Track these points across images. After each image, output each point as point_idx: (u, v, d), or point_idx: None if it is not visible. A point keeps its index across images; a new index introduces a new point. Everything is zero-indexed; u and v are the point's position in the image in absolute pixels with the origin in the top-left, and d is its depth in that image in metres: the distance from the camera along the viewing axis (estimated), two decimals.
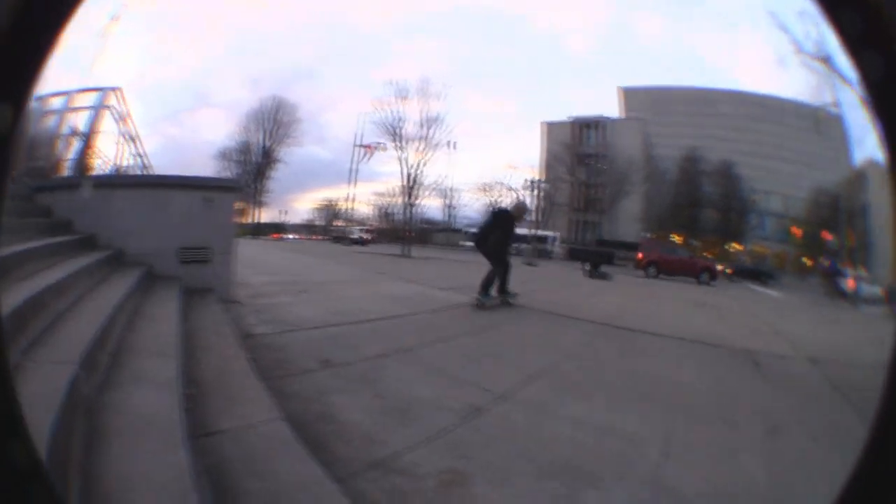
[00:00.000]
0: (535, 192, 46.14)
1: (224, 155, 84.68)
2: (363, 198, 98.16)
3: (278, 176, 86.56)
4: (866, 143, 72.10)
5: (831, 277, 34.81)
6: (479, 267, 12.35)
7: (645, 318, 11.83)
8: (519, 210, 13.68)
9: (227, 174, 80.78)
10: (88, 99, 16.30)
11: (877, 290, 27.52)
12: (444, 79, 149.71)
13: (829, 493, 2.92)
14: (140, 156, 17.04)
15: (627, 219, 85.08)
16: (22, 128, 1.13)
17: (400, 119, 34.65)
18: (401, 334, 7.44)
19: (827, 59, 27.59)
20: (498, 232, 12.20)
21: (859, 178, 72.68)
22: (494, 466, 3.61)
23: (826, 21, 1.12)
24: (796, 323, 14.98)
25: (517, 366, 6.34)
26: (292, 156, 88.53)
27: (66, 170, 15.45)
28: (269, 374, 4.90)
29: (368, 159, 67.49)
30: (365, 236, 67.49)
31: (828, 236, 77.09)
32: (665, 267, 37.55)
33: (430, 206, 78.55)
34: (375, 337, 7.16)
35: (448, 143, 39.10)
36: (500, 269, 11.98)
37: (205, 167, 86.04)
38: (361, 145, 67.57)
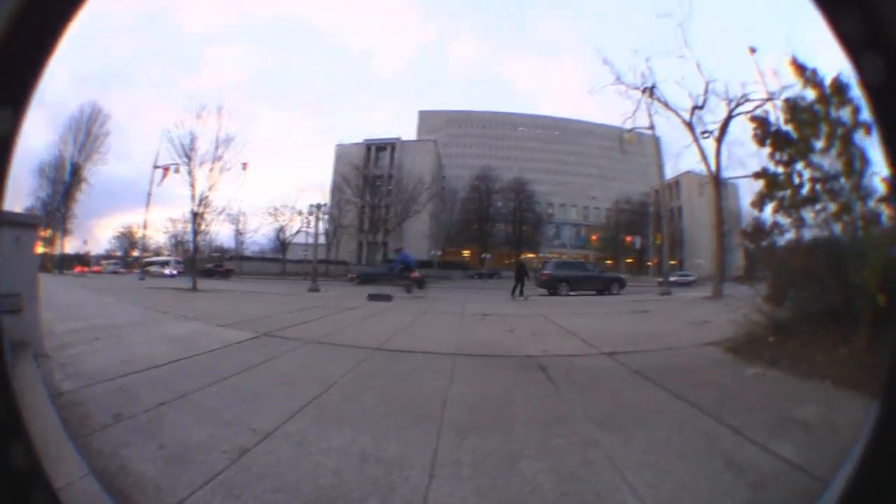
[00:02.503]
0: (317, 216, 45.53)
1: (41, 171, 74.23)
2: (160, 224, 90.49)
3: (83, 198, 76.73)
4: (685, 159, 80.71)
5: None
6: (262, 298, 11.96)
7: (421, 339, 11.64)
8: (522, 263, 32.63)
9: (40, 195, 72.62)
10: None
11: None
12: (246, 91, 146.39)
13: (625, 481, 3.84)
14: None
15: (417, 237, 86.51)
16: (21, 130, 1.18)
17: (193, 138, 32.98)
18: (179, 379, 7.40)
19: (651, 89, 31.43)
20: (521, 270, 29.71)
21: (673, 187, 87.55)
22: (262, 503, 3.75)
23: (825, 23, 1.18)
24: (601, 319, 15.43)
25: (283, 402, 6.36)
26: (97, 175, 79.72)
27: None
28: (78, 433, 5.01)
29: (161, 182, 62.91)
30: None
31: (628, 239, 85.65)
32: None
33: (221, 232, 74.96)
34: (157, 385, 7.13)
35: (241, 165, 37.71)
36: (519, 284, 28.37)
37: (25, 184, 76.85)
38: (158, 166, 62.92)
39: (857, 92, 9.49)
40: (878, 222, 8.94)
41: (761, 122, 11.37)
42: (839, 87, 9.34)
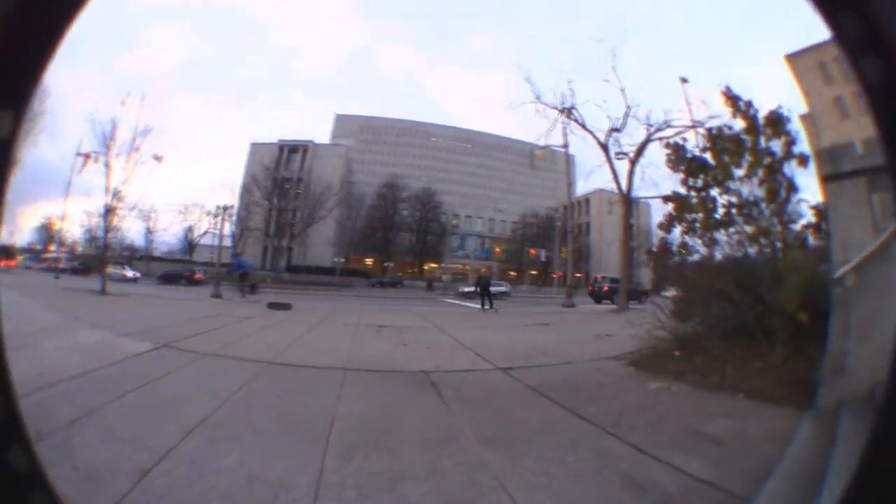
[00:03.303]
0: (223, 218, 44.08)
1: None
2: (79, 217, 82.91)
3: (14, 182, 70.45)
4: (597, 177, 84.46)
5: None
6: (166, 304, 11.68)
7: (314, 352, 11.19)
8: (486, 277, 33.71)
9: None
10: None
11: None
12: (172, 79, 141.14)
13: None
14: None
15: (321, 243, 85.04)
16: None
17: (114, 126, 30.97)
18: (86, 394, 7.25)
19: (569, 110, 30.90)
20: (484, 283, 30.14)
21: (582, 203, 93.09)
22: None
23: (826, 26, 1.21)
24: (501, 332, 15.10)
25: (180, 419, 6.26)
26: (28, 157, 73.73)
27: None
28: None
29: (82, 170, 58.77)
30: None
31: (532, 252, 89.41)
32: None
33: (133, 229, 70.75)
34: (67, 400, 6.97)
35: (155, 158, 36.03)
36: (488, 298, 27.77)
37: None
38: (80, 153, 58.82)
39: (795, 125, 9.95)
40: (803, 246, 9.18)
41: (676, 149, 11.50)
42: (775, 120, 9.52)
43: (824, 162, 6.57)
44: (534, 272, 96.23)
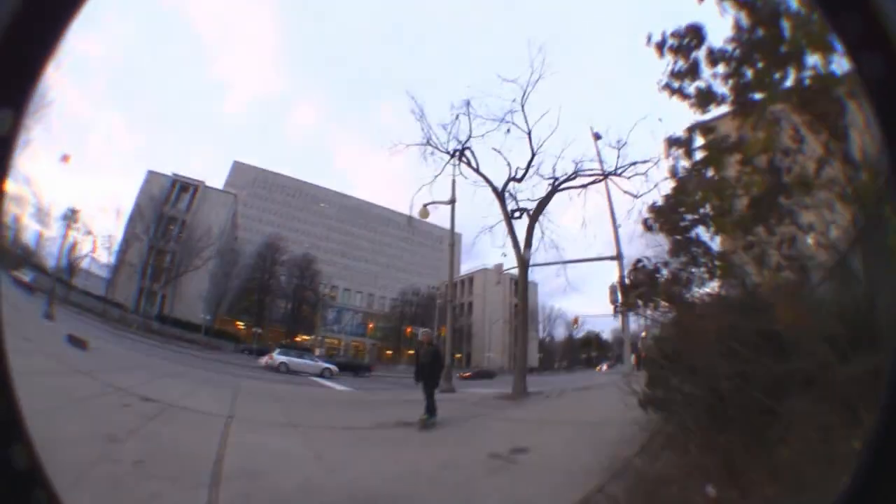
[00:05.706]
0: (69, 224, 40.41)
1: None
2: None
3: None
4: (483, 247, 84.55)
5: None
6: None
7: None
8: (437, 347, 17.07)
9: None
10: None
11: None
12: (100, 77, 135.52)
13: None
14: None
15: (193, 296, 79.23)
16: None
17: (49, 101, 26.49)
18: None
19: (462, 152, 28.28)
20: (435, 360, 14.28)
21: (465, 283, 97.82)
22: None
23: (827, 23, 1.37)
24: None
25: None
26: None
27: None
28: None
29: None
30: None
31: (409, 330, 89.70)
32: None
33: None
34: None
35: (63, 157, 33.40)
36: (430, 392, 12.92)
37: None
38: None
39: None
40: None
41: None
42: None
43: None
44: (411, 351, 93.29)
